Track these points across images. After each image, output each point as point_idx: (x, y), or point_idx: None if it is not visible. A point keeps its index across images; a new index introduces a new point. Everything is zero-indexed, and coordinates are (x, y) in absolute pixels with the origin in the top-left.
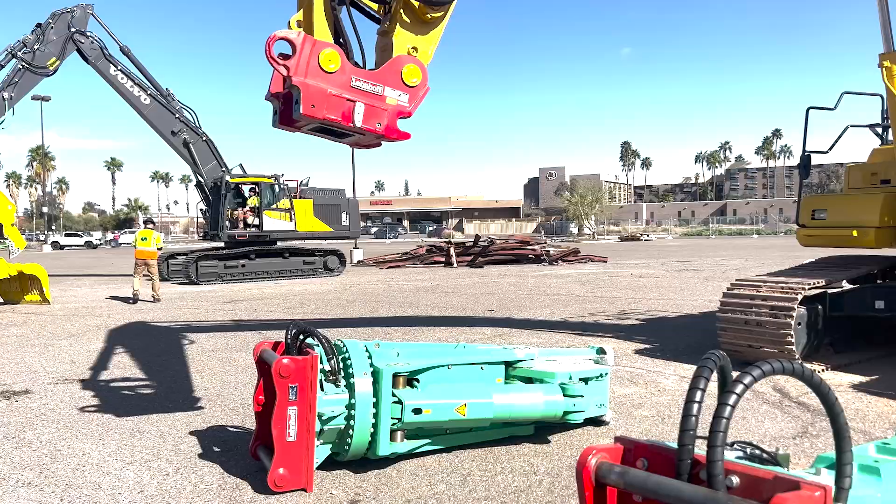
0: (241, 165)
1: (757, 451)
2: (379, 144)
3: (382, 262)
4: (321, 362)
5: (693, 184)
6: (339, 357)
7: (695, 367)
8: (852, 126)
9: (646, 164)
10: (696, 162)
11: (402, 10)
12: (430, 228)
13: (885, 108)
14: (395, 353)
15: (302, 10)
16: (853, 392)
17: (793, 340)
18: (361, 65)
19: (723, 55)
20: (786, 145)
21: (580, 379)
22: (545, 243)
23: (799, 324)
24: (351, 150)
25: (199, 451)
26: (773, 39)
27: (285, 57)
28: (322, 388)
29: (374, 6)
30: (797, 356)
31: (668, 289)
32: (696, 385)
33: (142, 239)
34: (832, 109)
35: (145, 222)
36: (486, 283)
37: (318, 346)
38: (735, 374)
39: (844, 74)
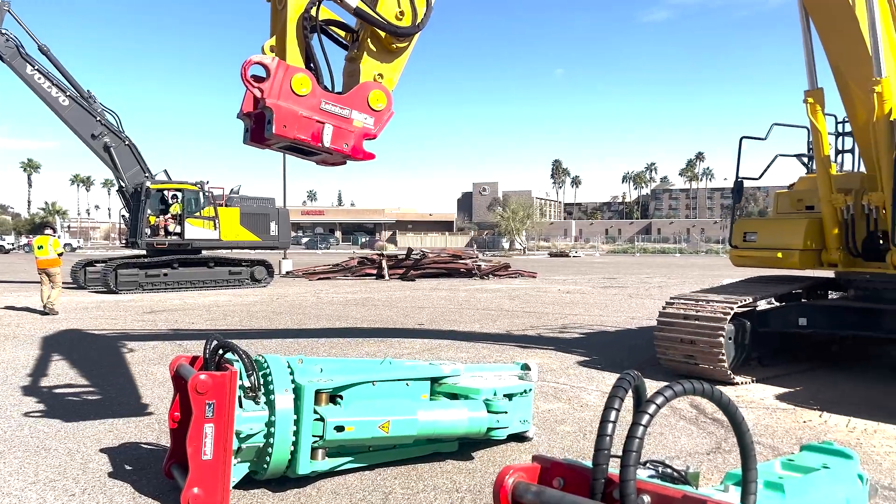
0: (165, 171)
1: (668, 470)
2: (344, 163)
3: (312, 273)
4: (240, 378)
5: (620, 203)
6: (260, 373)
7: (623, 372)
8: (781, 155)
9: (576, 182)
10: (623, 181)
11: (369, 40)
12: (363, 240)
13: (810, 139)
14: (319, 369)
15: (275, 37)
16: (763, 409)
17: (724, 354)
18: (331, 88)
19: (650, 80)
20: (708, 168)
21: (504, 395)
22: (477, 257)
23: (729, 339)
24: (283, 159)
25: (109, 470)
26: (697, 66)
27: (259, 80)
28: (241, 405)
29: (343, 34)
30: (728, 369)
31: (593, 305)
32: (610, 405)
33: (38, 247)
34: (763, 139)
35: (42, 227)
36: (417, 296)
37: (237, 361)
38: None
39: (763, 103)
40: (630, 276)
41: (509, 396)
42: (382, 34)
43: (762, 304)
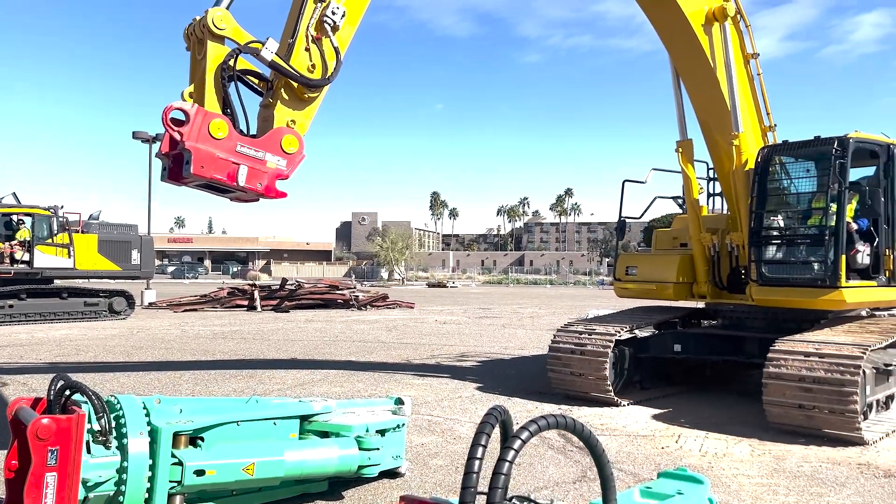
0: (14, 194)
1: None
2: (257, 200)
3: (178, 304)
4: (89, 421)
5: (495, 235)
6: (112, 415)
7: (490, 407)
8: (659, 197)
9: (453, 214)
10: (498, 214)
11: (282, 89)
12: (235, 269)
13: (683, 185)
14: (178, 410)
15: (194, 85)
16: (625, 437)
17: (608, 378)
18: (246, 132)
19: (524, 118)
20: (576, 203)
21: (377, 431)
22: (355, 288)
23: (613, 364)
24: (147, 183)
25: None
26: (567, 107)
27: (179, 123)
28: (89, 451)
29: (257, 82)
30: (612, 391)
31: (469, 336)
32: (477, 442)
33: None
34: (643, 183)
35: None
36: (290, 328)
37: (86, 402)
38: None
39: (626, 144)
40: (504, 307)
41: (382, 432)
42: (295, 84)
43: (642, 332)
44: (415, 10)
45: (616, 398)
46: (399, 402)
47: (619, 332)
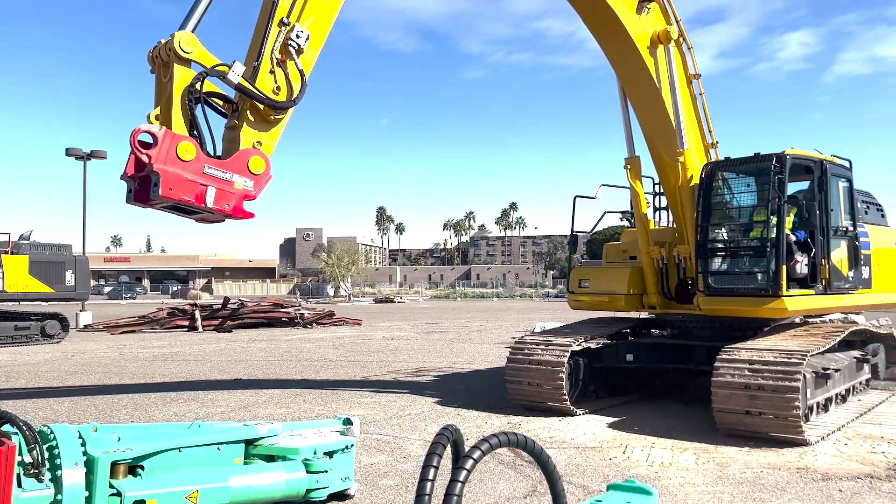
0: None
1: None
2: (223, 220)
3: (115, 326)
4: (20, 454)
5: (442, 249)
6: (45, 446)
7: (441, 427)
8: (609, 212)
9: (399, 229)
10: (444, 229)
11: (248, 111)
12: (175, 289)
13: (631, 199)
14: (116, 438)
15: (160, 107)
16: (574, 449)
17: (564, 388)
18: (212, 154)
19: (468, 133)
20: (521, 217)
21: (325, 453)
22: (300, 305)
23: (569, 374)
24: (82, 202)
25: None
26: (510, 122)
27: (146, 146)
28: (20, 485)
29: (222, 104)
30: (568, 401)
31: (417, 351)
32: (428, 463)
33: None
34: (593, 198)
35: None
36: (234, 349)
37: (17, 433)
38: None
39: (568, 159)
40: (452, 321)
41: (330, 454)
42: (261, 106)
43: (596, 343)
44: (359, 26)
45: (573, 408)
46: (347, 422)
47: (574, 344)
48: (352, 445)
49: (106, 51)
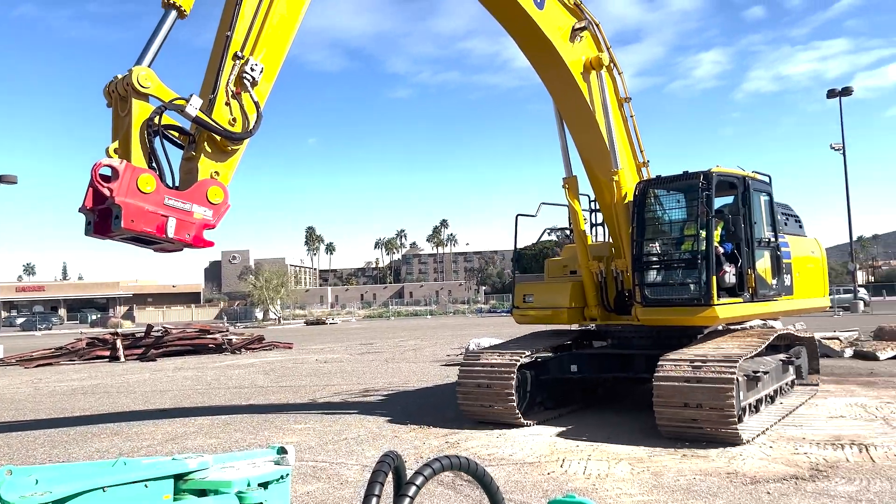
0: None
1: None
2: (181, 249)
3: (29, 359)
4: None
5: (374, 268)
6: None
7: (376, 456)
8: (548, 229)
9: (330, 248)
10: (376, 247)
11: (205, 143)
12: (94, 318)
13: (570, 217)
14: (34, 481)
15: (119, 141)
16: (513, 465)
17: (514, 401)
18: (171, 185)
19: (397, 151)
20: (452, 234)
21: (259, 484)
22: (227, 331)
23: (517, 387)
24: None
25: None
26: (438, 140)
27: (106, 179)
28: None
29: (178, 135)
30: (518, 413)
31: (351, 373)
32: (370, 492)
33: None
34: (534, 216)
35: None
36: (158, 378)
37: None
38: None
39: (497, 174)
40: (386, 341)
41: (265, 485)
42: (218, 137)
43: (542, 356)
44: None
45: (522, 419)
46: (281, 450)
47: (522, 358)
48: (287, 475)
49: (15, 71)
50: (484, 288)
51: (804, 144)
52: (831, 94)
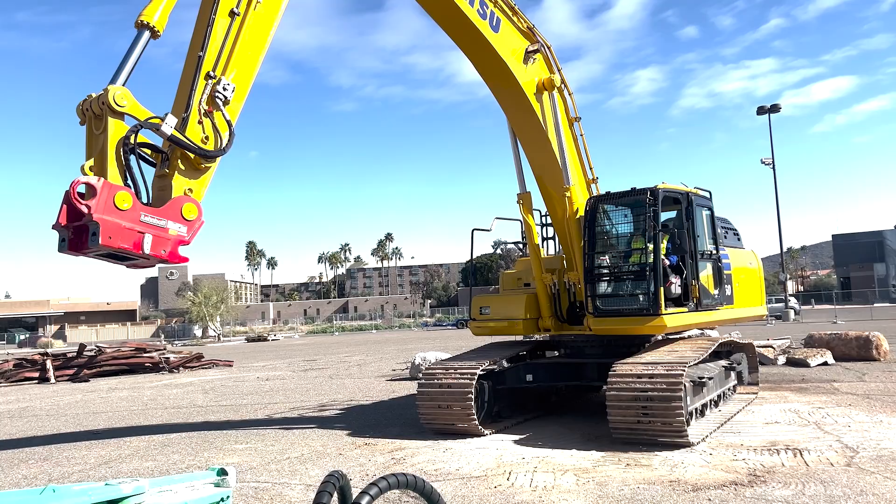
0: None
1: None
2: (153, 266)
3: None
4: None
5: (318, 283)
6: None
7: (321, 476)
8: (502, 242)
9: (272, 263)
10: (319, 262)
11: (179, 160)
12: (23, 337)
13: (523, 231)
14: None
15: (94, 159)
16: (459, 480)
17: (474, 410)
18: (145, 200)
19: (341, 164)
20: (397, 248)
21: None
22: (165, 349)
23: (476, 397)
24: None
25: None
26: (383, 153)
27: (81, 196)
28: None
29: (150, 153)
30: (477, 423)
31: (294, 391)
32: None
33: None
34: (489, 231)
35: None
36: (91, 399)
37: None
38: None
39: (442, 188)
40: (330, 356)
41: None
42: (192, 155)
43: (499, 366)
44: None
45: (481, 428)
46: (222, 472)
47: (480, 368)
48: (227, 497)
49: None
50: (429, 301)
51: (737, 159)
52: (761, 110)
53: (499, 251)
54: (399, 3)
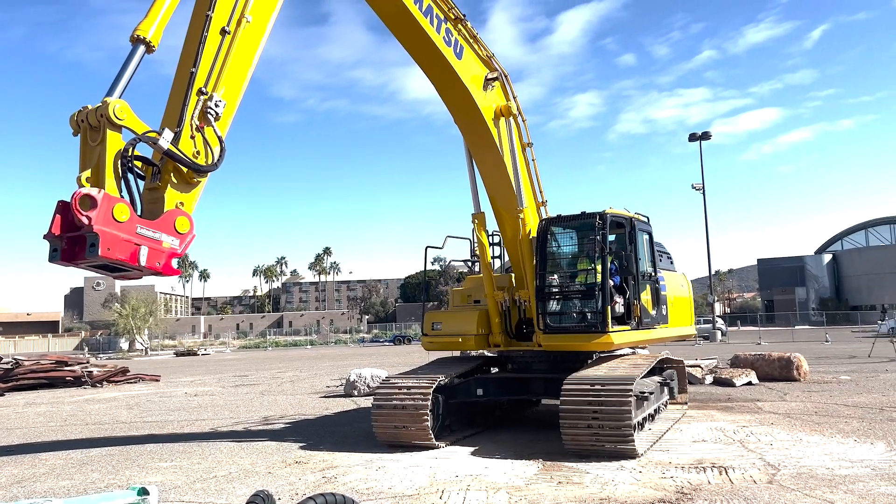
0: None
1: None
2: (141, 277)
3: None
4: None
5: (252, 296)
6: None
7: (248, 495)
8: (454, 261)
9: (204, 275)
10: (254, 275)
11: (171, 174)
12: None
13: (474, 248)
14: None
15: (91, 170)
16: (391, 498)
17: (429, 423)
18: (139, 212)
19: (279, 177)
20: (335, 262)
21: None
22: (88, 362)
23: (431, 410)
24: None
25: None
26: (323, 167)
27: (67, 207)
28: None
29: (141, 166)
30: (432, 436)
31: (223, 407)
32: None
33: None
34: (441, 248)
35: None
36: (5, 415)
37: None
38: None
39: (384, 202)
40: (262, 372)
41: None
42: (184, 169)
43: (451, 381)
44: (160, 65)
45: (435, 441)
46: (143, 491)
47: (435, 383)
48: None
49: None
50: (367, 317)
51: (669, 184)
52: (692, 137)
53: (438, 267)
54: (345, 17)
